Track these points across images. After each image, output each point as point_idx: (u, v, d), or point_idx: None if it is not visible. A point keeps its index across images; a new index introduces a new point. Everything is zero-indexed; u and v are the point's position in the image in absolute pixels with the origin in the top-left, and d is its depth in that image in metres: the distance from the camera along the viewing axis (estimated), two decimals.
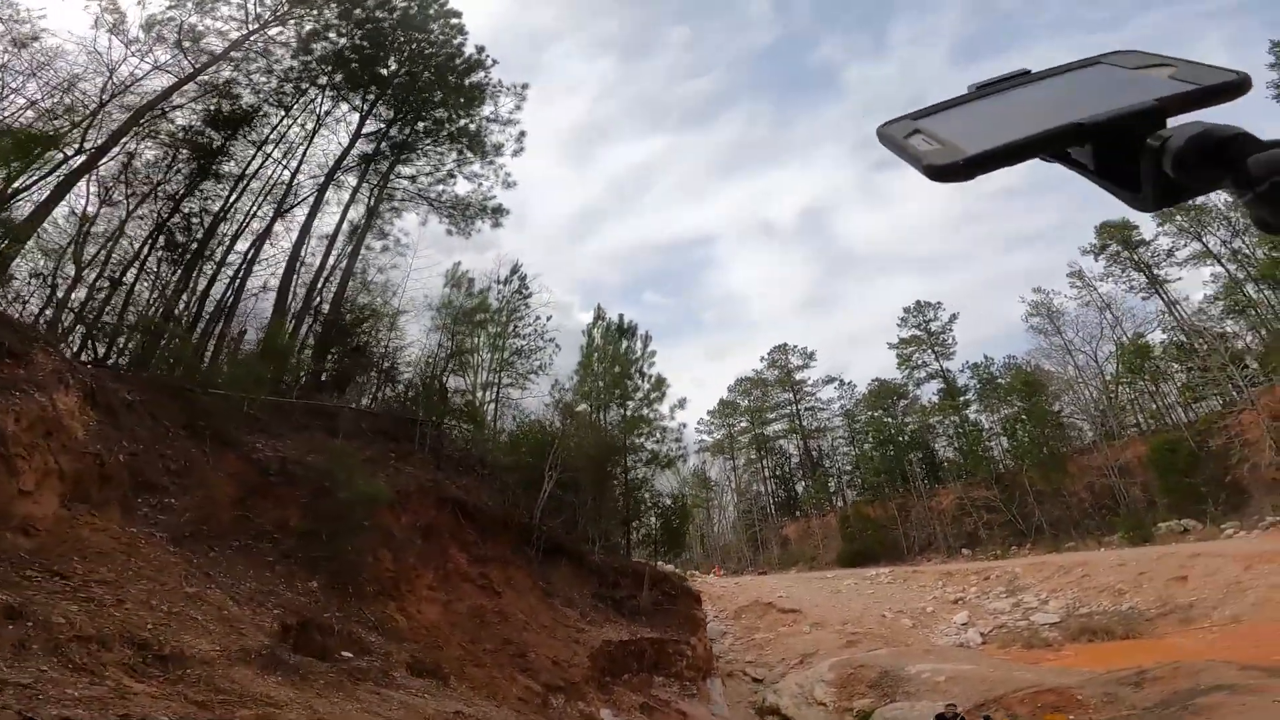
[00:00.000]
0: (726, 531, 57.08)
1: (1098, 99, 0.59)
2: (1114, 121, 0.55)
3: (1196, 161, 0.50)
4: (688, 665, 17.51)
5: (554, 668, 11.30)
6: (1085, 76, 0.66)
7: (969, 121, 0.63)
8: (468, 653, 10.25)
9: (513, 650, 11.04)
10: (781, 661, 22.64)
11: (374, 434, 15.93)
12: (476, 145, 25.79)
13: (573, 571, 16.63)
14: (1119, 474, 38.84)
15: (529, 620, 12.83)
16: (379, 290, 23.58)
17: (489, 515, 15.12)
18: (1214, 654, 19.07)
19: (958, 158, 0.57)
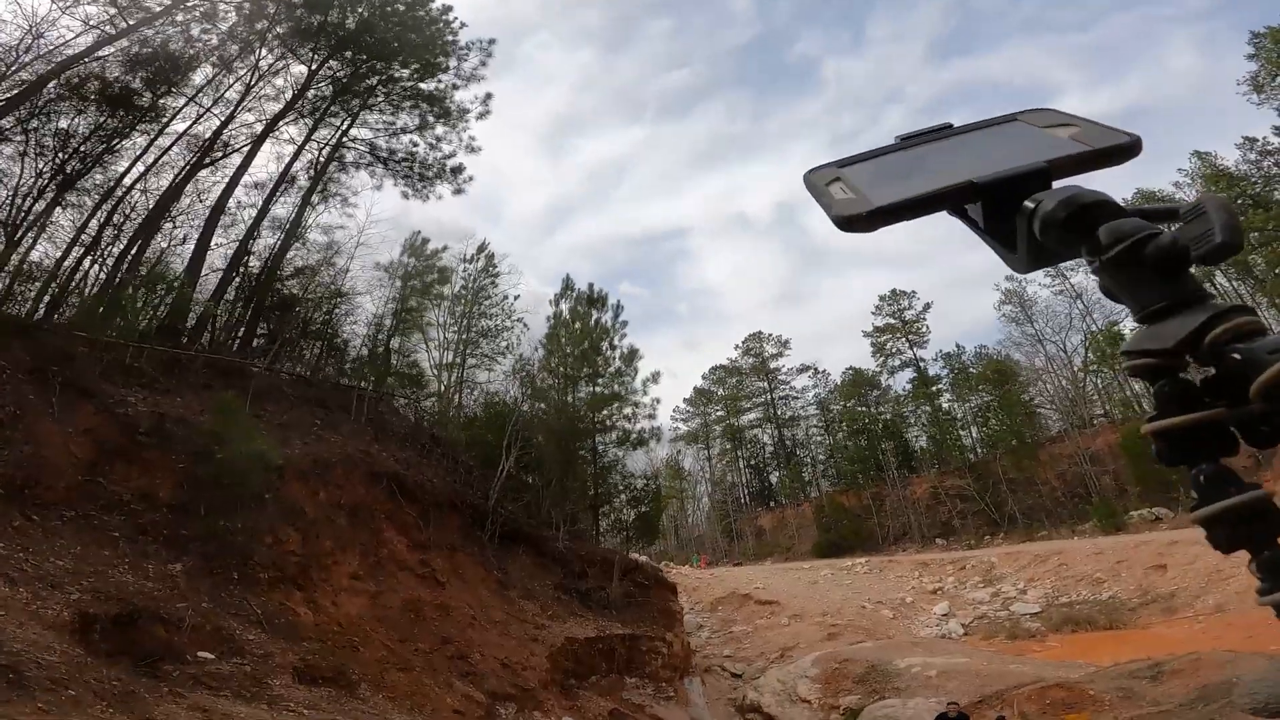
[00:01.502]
0: (701, 522, 55.33)
1: (1000, 158, 0.60)
2: (1002, 181, 0.56)
3: (1059, 226, 0.51)
4: (663, 664, 15.43)
5: (503, 671, 9.12)
6: (999, 133, 0.67)
7: (885, 173, 0.65)
8: (393, 654, 8.03)
9: (452, 651, 8.85)
10: (761, 655, 20.78)
11: (300, 400, 13.53)
12: (437, 105, 23.30)
13: (533, 560, 14.43)
14: (1090, 462, 38.23)
15: (477, 615, 10.61)
16: (323, 251, 21.03)
17: (436, 495, 12.83)
18: (1205, 644, 18.03)
19: (864, 209, 0.58)
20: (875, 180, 0.63)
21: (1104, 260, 0.49)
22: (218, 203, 19.24)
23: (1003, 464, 41.16)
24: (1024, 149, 0.61)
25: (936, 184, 0.59)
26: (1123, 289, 0.49)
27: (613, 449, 19.86)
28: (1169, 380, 0.46)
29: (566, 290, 22.70)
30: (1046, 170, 0.56)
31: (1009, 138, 0.66)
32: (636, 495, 19.29)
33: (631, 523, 19.18)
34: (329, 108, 22.02)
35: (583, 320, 21.91)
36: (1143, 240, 0.47)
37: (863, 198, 0.60)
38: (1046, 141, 0.62)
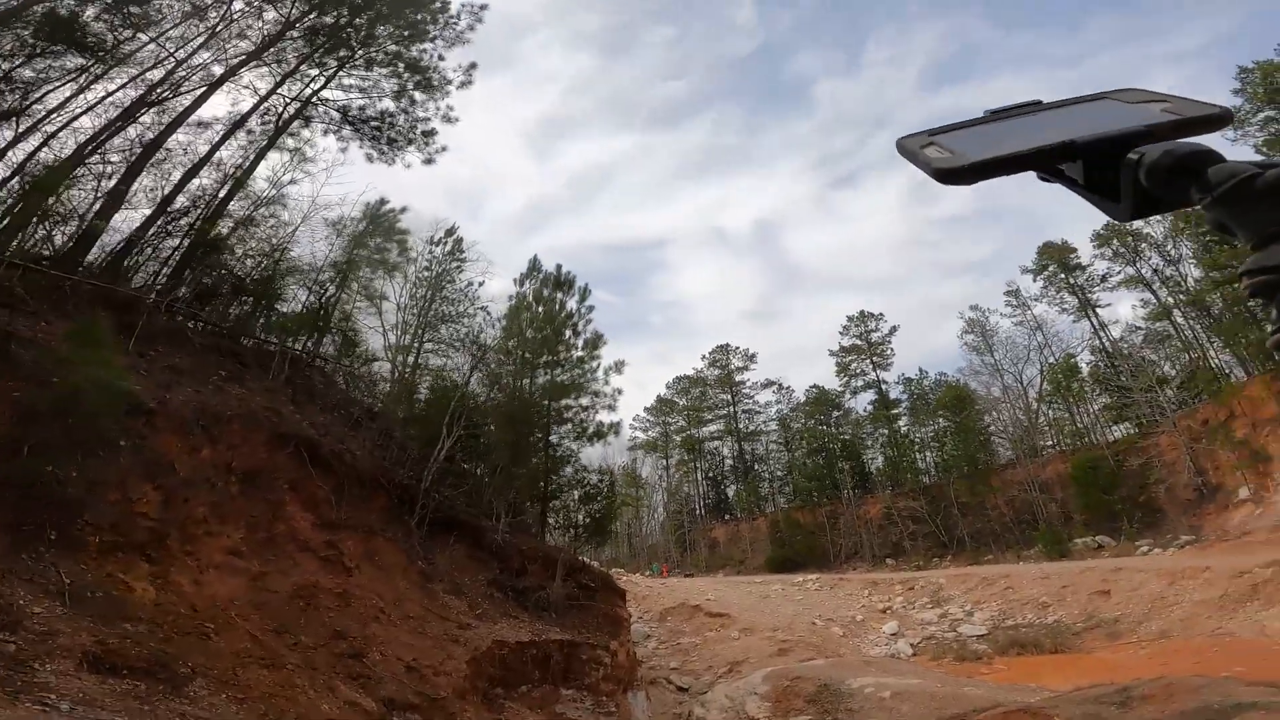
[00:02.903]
0: (655, 531, 53.63)
1: (1095, 125, 0.62)
2: (1103, 139, 0.59)
3: (1166, 172, 0.55)
4: (605, 676, 13.69)
5: (408, 676, 7.35)
6: (1090, 108, 0.69)
7: (979, 138, 0.67)
8: (261, 647, 6.24)
9: (344, 648, 7.06)
10: (709, 669, 19.25)
11: (208, 350, 11.54)
12: (419, 73, 21.37)
13: (467, 552, 12.61)
14: (1039, 490, 38.23)
15: (388, 608, 8.80)
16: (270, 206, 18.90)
17: (358, 470, 10.97)
18: (1152, 670, 17.36)
19: (962, 163, 0.61)
20: (971, 143, 0.65)
21: (1215, 195, 0.52)
22: (155, 139, 17.02)
23: (955, 488, 41.00)
24: (1119, 118, 0.63)
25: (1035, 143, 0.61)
26: (1236, 220, 0.52)
27: (569, 441, 18.24)
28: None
29: (532, 271, 21.03)
30: (1147, 133, 0.59)
31: (1101, 110, 0.67)
32: (589, 492, 17.61)
33: (582, 521, 17.47)
34: (301, 65, 19.96)
35: (547, 304, 20.26)
36: (1252, 176, 0.51)
37: (960, 155, 0.62)
38: (1139, 112, 0.63)
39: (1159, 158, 0.55)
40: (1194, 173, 0.54)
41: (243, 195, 18.59)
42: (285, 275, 17.34)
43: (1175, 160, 0.55)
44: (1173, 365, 35.66)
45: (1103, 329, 38.08)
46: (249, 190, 18.89)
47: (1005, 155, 0.61)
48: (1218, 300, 28.82)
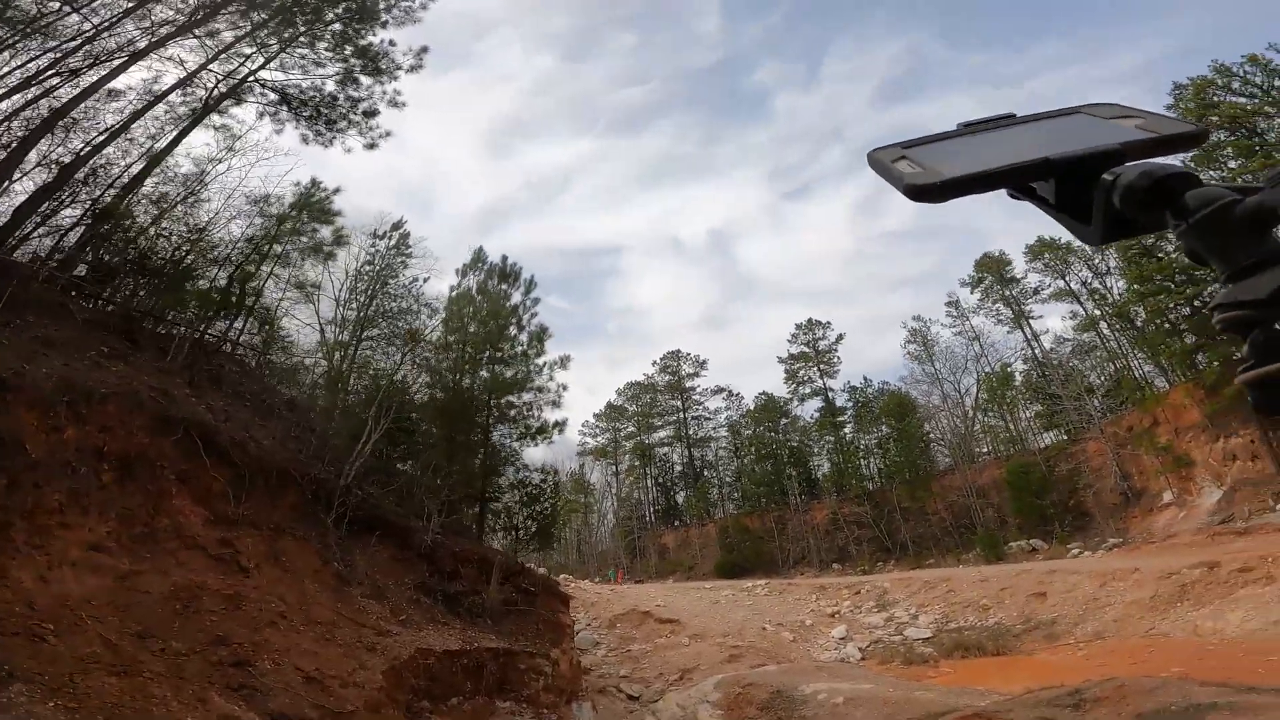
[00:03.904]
0: (605, 538, 52.46)
1: (1069, 142, 0.61)
2: (1078, 158, 0.57)
3: (1142, 195, 0.52)
4: (546, 686, 12.67)
5: (306, 687, 6.25)
6: (1063, 123, 0.67)
7: (951, 152, 0.65)
8: (114, 652, 5.09)
9: (226, 655, 5.92)
10: (659, 676, 18.39)
11: (93, 325, 10.06)
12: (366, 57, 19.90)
13: (392, 554, 11.40)
14: (976, 495, 39.19)
15: (290, 613, 7.61)
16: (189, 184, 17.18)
17: (264, 462, 9.68)
18: (1092, 671, 17.54)
19: (935, 180, 0.59)
20: (943, 158, 0.62)
21: (1192, 223, 0.49)
22: (61, 109, 15.18)
23: (898, 493, 41.69)
24: (1093, 135, 0.61)
25: (1009, 160, 0.58)
26: (1211, 250, 0.50)
27: (511, 441, 17.17)
28: (1262, 330, 0.47)
29: (476, 262, 19.91)
30: (1121, 152, 0.56)
31: (1075, 126, 0.65)
32: (532, 493, 16.56)
33: (525, 523, 16.38)
34: (237, 43, 18.24)
35: (491, 297, 19.17)
36: (1231, 203, 0.48)
37: (933, 171, 0.60)
38: (1113, 129, 0.61)
39: (1135, 179, 0.52)
40: (1170, 197, 0.51)
41: (160, 172, 16.86)
42: (199, 255, 15.71)
43: (1152, 183, 0.52)
44: (1099, 374, 37.32)
45: (1035, 339, 39.63)
46: (167, 168, 17.16)
47: (978, 173, 0.58)
48: (1141, 312, 30.24)
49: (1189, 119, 0.62)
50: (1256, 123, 24.53)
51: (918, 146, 0.67)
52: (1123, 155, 0.57)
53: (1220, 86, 25.50)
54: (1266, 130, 24.43)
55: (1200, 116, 25.59)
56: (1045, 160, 0.58)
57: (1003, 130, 0.68)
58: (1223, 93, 25.39)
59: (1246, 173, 24.19)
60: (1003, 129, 0.69)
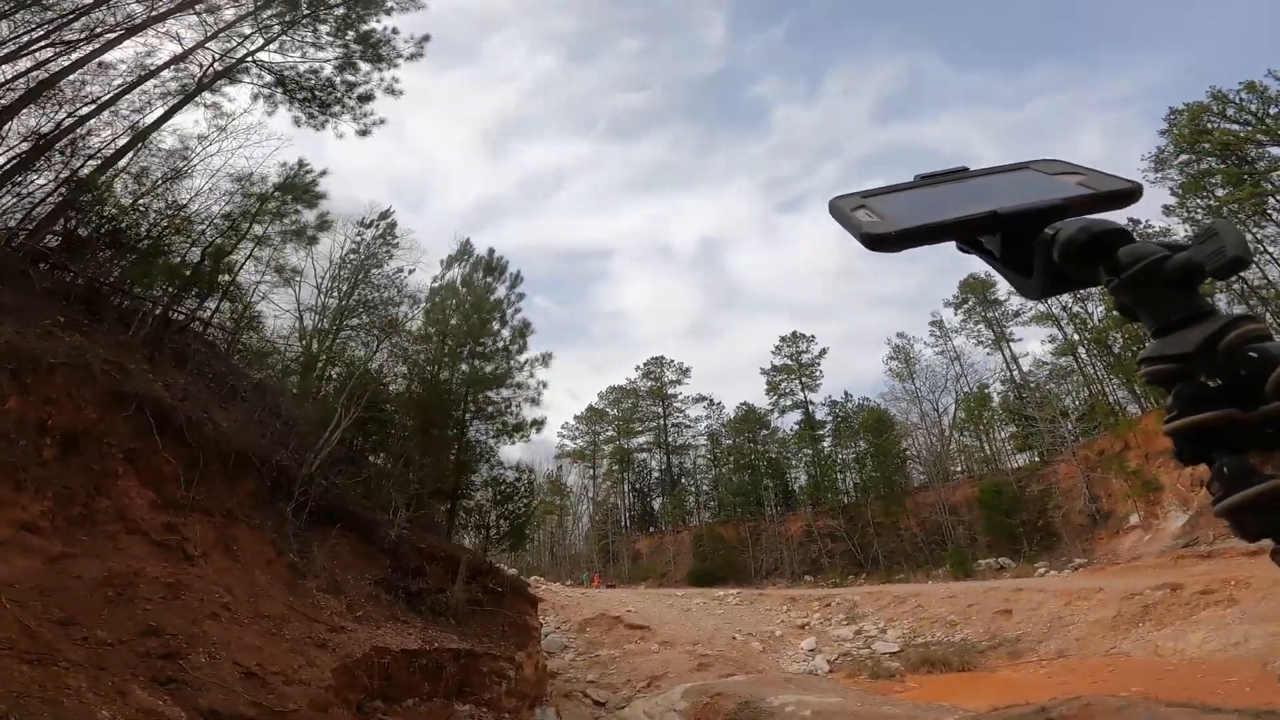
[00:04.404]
0: (579, 541, 51.83)
1: (1016, 196, 0.63)
2: (1021, 213, 0.60)
3: (1078, 251, 0.54)
4: (509, 690, 12.17)
5: (245, 683, 5.80)
6: (1013, 178, 0.70)
7: (908, 203, 0.67)
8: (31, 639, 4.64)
9: (156, 647, 5.46)
10: (627, 683, 17.98)
11: (53, 295, 9.50)
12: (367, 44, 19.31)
13: (354, 548, 10.89)
14: (948, 513, 39.40)
15: (235, 605, 7.13)
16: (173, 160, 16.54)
17: (222, 445, 9.17)
18: (1053, 689, 17.65)
19: (891, 229, 0.61)
20: (899, 209, 0.65)
21: (1123, 279, 0.51)
22: (49, 79, 14.50)
23: (872, 508, 41.74)
24: (1038, 191, 0.63)
25: (959, 212, 0.61)
26: (1141, 304, 0.51)
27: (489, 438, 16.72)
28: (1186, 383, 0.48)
29: (463, 254, 19.47)
30: (1063, 207, 0.59)
31: (1022, 182, 0.68)
32: (506, 491, 16.10)
33: (497, 521, 15.92)
34: (237, 22, 17.60)
35: (476, 290, 18.72)
36: (1160, 259, 0.50)
37: (888, 221, 0.62)
38: (1057, 185, 0.64)
39: (1073, 234, 0.54)
40: (1105, 252, 0.53)
41: (144, 148, 16.21)
42: (176, 232, 15.08)
43: (1089, 238, 0.54)
44: (1074, 399, 37.74)
45: (1014, 362, 40.01)
46: (151, 144, 16.51)
47: (930, 224, 0.61)
48: (1119, 338, 30.59)
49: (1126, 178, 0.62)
50: (1248, 151, 24.85)
51: (877, 196, 0.69)
52: (1064, 210, 0.59)
53: (1215, 113, 25.79)
54: (1257, 159, 24.75)
55: (1193, 142, 25.89)
56: (993, 214, 0.59)
57: (956, 184, 0.70)
58: (1217, 119, 25.69)
59: (1234, 201, 24.56)
60: (956, 182, 0.71)
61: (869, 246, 0.61)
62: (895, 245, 0.61)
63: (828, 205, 0.69)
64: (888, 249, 0.61)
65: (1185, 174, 26.73)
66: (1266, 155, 24.57)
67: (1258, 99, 24.01)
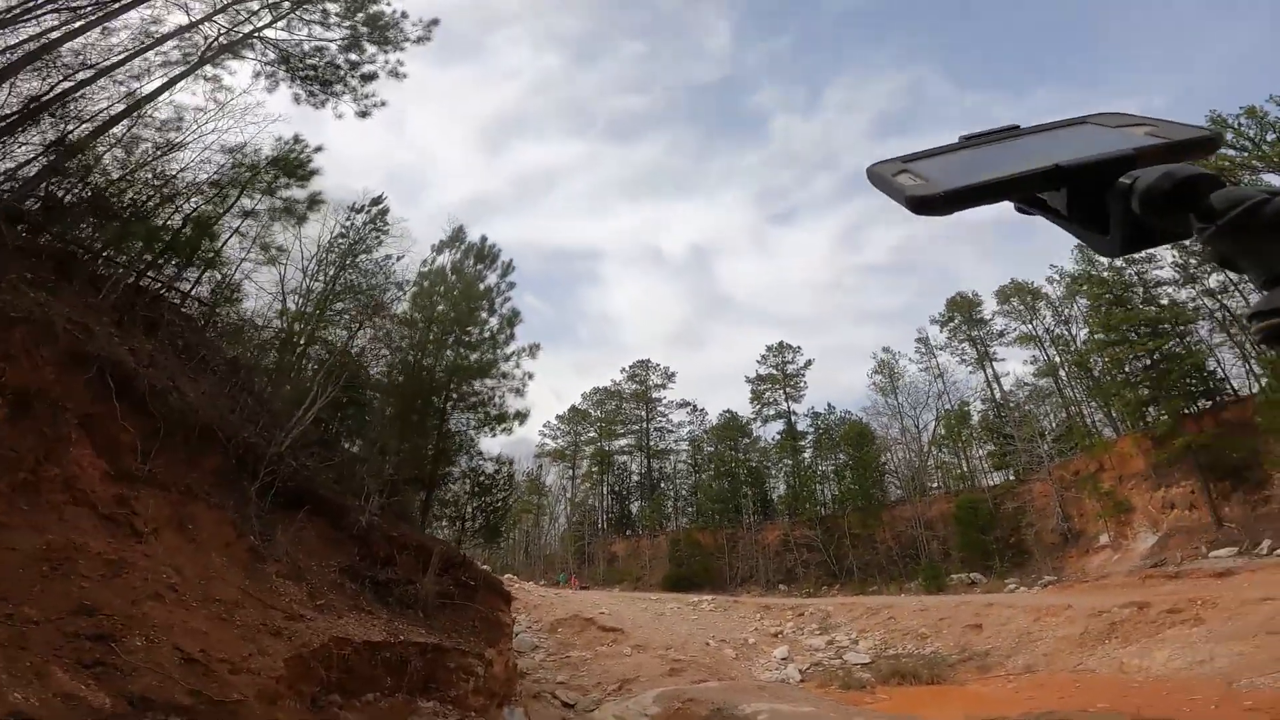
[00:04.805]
0: (554, 541, 51.13)
1: (1078, 149, 0.58)
2: (1090, 164, 0.55)
3: (1163, 199, 0.50)
4: (476, 688, 11.67)
5: (183, 669, 5.29)
6: (1071, 133, 0.65)
7: (955, 165, 0.63)
8: None
9: (87, 627, 4.94)
10: (598, 686, 17.52)
11: (22, 253, 8.89)
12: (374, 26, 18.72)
13: (321, 533, 10.34)
14: (924, 527, 39.44)
15: (184, 586, 6.60)
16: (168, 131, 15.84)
17: (186, 416, 8.62)
18: (1020, 704, 17.68)
19: (938, 190, 0.56)
20: (946, 171, 0.59)
21: (1220, 225, 0.47)
22: (51, 43, 13.80)
23: (849, 520, 41.63)
24: (1104, 142, 0.58)
25: (1016, 169, 0.56)
26: (1243, 254, 0.47)
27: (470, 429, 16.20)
28: None
29: (454, 240, 18.95)
30: (1134, 157, 0.54)
31: (1083, 136, 0.62)
32: (484, 482, 15.59)
33: (474, 514, 15.39)
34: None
35: (465, 278, 18.19)
36: (1261, 202, 0.46)
37: (935, 183, 0.57)
38: (1124, 136, 0.59)
39: (1156, 181, 0.49)
40: (1194, 199, 0.48)
41: (139, 117, 15.51)
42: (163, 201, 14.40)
43: (1174, 184, 0.48)
44: (1052, 419, 38.00)
45: (996, 381, 40.24)
46: (145, 114, 15.81)
47: (983, 182, 0.55)
48: (1100, 361, 30.78)
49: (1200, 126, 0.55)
50: (1241, 177, 25.13)
51: (919, 160, 0.64)
52: (1136, 161, 0.53)
53: None
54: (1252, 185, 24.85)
55: None
56: (1055, 167, 0.54)
57: (1007, 142, 0.64)
58: None
59: None
60: (1007, 141, 0.65)
61: (914, 210, 0.55)
62: (944, 208, 0.54)
63: (866, 172, 0.63)
64: (936, 212, 0.55)
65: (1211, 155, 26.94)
66: (1261, 182, 24.75)
67: (1256, 124, 24.19)
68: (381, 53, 18.78)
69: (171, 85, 15.91)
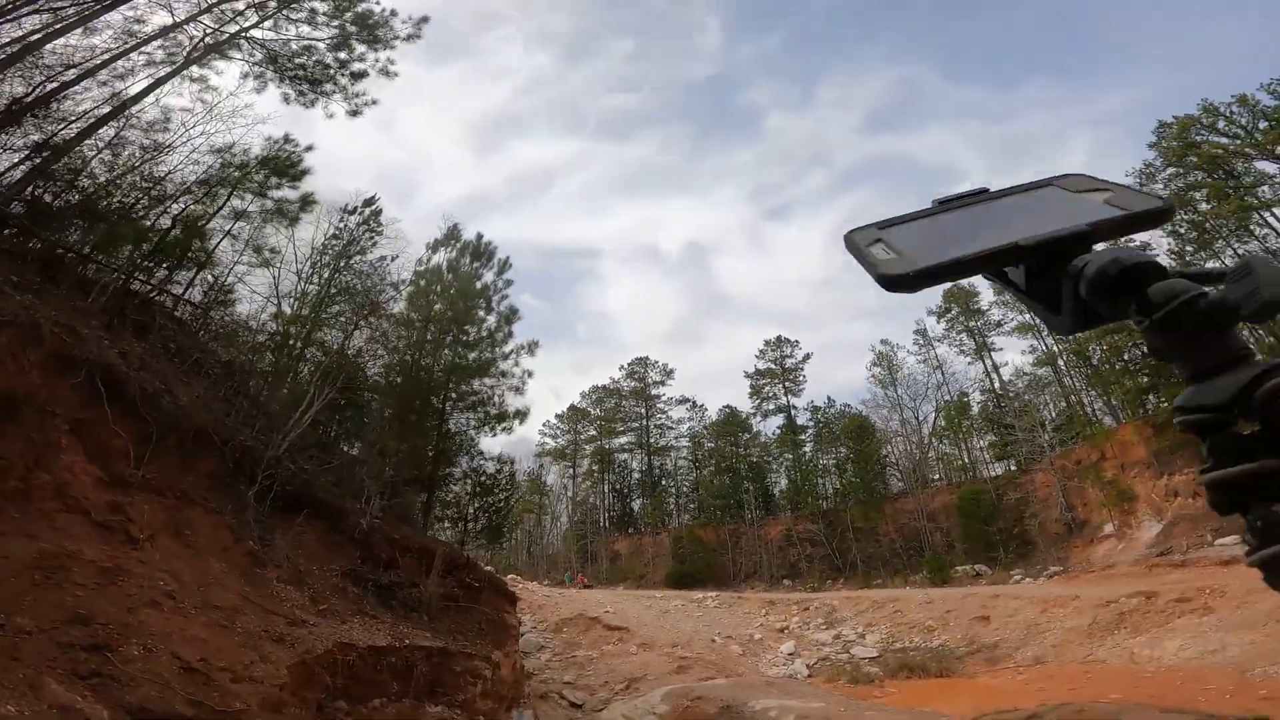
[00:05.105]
0: (557, 541, 51.00)
1: (1039, 221, 0.61)
2: (1046, 243, 0.57)
3: (1107, 286, 0.52)
4: (484, 691, 11.52)
5: (183, 678, 5.12)
6: (1035, 198, 0.68)
7: (926, 235, 0.65)
8: None
9: (82, 636, 4.78)
10: (605, 685, 17.38)
11: (11, 256, 8.69)
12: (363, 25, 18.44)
13: (321, 537, 10.17)
14: (927, 519, 39.37)
15: (182, 593, 6.43)
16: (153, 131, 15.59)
17: (180, 421, 8.43)
18: (1031, 695, 17.46)
19: (908, 269, 0.59)
20: (917, 242, 0.63)
21: (1154, 319, 0.49)
22: (33, 43, 13.55)
23: (851, 513, 41.55)
24: (1063, 213, 0.61)
25: (981, 246, 0.59)
26: (1174, 348, 0.49)
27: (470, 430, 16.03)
28: (1222, 434, 0.47)
29: (450, 239, 18.73)
30: (1089, 233, 0.56)
31: (1046, 203, 0.65)
32: (486, 482, 15.42)
33: (475, 514, 15.22)
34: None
35: (462, 277, 18.00)
36: (1194, 299, 0.48)
37: (906, 259, 0.60)
38: (1083, 206, 0.62)
39: (1103, 267, 0.51)
40: (1136, 288, 0.50)
41: (126, 119, 15.28)
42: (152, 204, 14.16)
43: (1119, 272, 0.50)
44: (1052, 409, 37.94)
45: (995, 371, 40.17)
46: (132, 116, 15.57)
47: (950, 261, 0.58)
48: (1098, 350, 30.71)
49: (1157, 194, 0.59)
50: (1235, 165, 24.93)
51: (893, 227, 0.67)
52: (1091, 236, 0.56)
53: (1205, 126, 25.85)
54: (1243, 173, 24.83)
55: (1181, 155, 25.86)
56: (1015, 245, 0.56)
57: (976, 208, 0.68)
58: (1206, 132, 25.76)
59: (1218, 215, 24.59)
60: (976, 205, 0.68)
61: (886, 288, 0.58)
62: (914, 285, 0.57)
63: (843, 239, 0.66)
64: (906, 289, 0.57)
65: (1171, 188, 26.83)
66: (1252, 170, 24.70)
67: (1248, 112, 24.08)
68: (371, 51, 18.55)
69: (158, 86, 15.67)
